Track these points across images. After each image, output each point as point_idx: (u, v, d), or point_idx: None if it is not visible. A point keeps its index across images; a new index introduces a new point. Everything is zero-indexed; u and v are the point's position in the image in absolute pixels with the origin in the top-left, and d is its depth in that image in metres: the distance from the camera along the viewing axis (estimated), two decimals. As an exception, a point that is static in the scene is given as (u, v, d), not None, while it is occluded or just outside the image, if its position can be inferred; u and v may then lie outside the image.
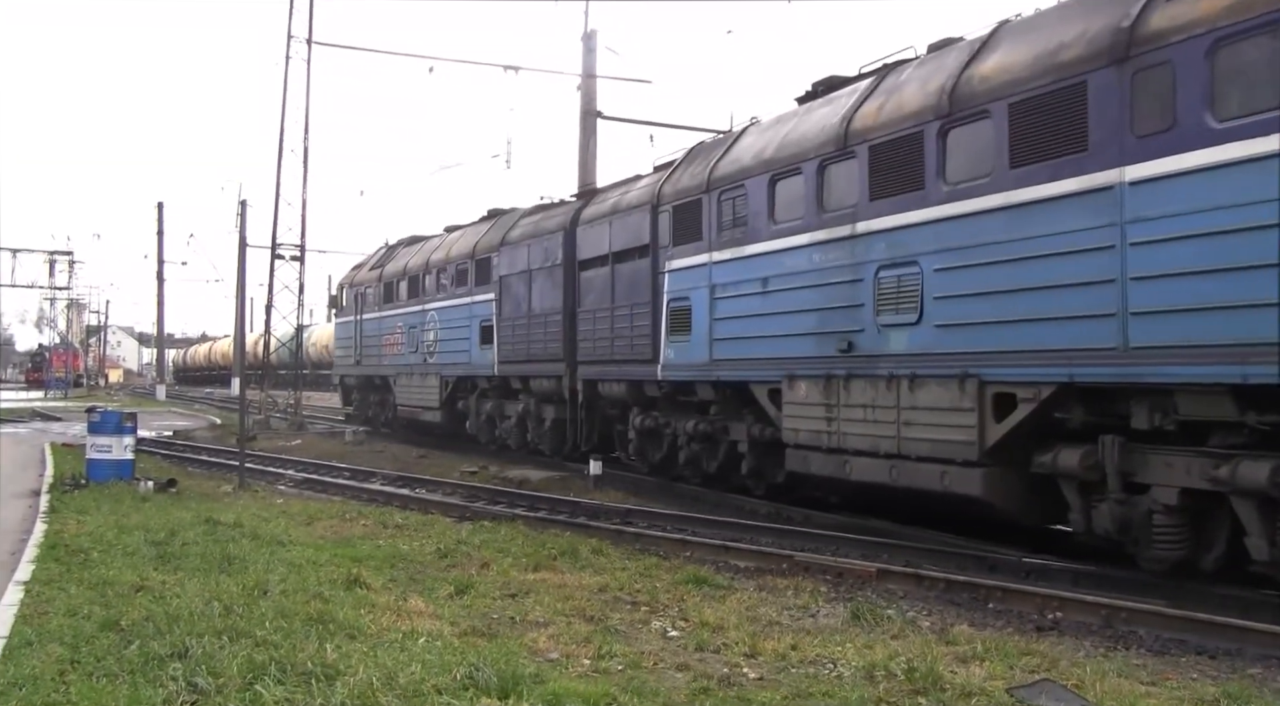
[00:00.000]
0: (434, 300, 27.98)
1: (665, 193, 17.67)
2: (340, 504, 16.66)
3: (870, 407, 12.89)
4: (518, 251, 23.19)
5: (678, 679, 6.88)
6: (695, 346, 16.48)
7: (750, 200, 15.26)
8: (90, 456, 18.16)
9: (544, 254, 21.90)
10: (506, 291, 23.60)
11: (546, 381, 21.94)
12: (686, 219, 16.88)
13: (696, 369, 16.54)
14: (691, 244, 16.68)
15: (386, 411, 32.54)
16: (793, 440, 14.35)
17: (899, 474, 12.46)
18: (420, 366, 28.75)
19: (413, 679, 6.40)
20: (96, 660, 6.85)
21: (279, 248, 35.85)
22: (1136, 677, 7.21)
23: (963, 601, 10.07)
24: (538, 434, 23.22)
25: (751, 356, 15.19)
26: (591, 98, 29.14)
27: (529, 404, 23.34)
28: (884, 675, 6.96)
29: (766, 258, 14.82)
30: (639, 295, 18.19)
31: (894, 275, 12.57)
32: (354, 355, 34.02)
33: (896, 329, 12.53)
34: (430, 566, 10.90)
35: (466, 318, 25.83)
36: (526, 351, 22.56)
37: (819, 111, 14.63)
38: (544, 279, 21.89)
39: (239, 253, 21.11)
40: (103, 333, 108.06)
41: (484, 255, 25.08)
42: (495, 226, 25.51)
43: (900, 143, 12.58)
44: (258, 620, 7.88)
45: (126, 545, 11.38)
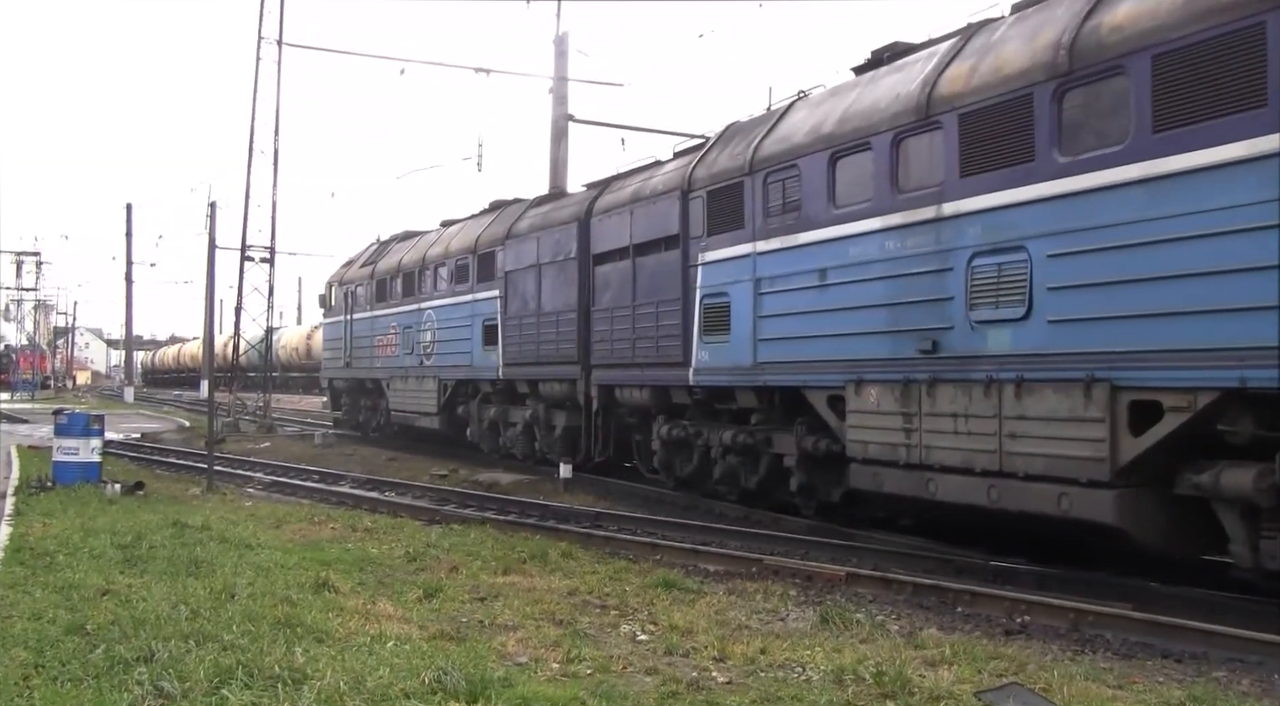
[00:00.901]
0: (431, 298, 26.44)
1: (698, 177, 16.09)
2: (309, 507, 16.58)
3: (962, 417, 11.24)
4: (525, 245, 21.63)
5: (647, 682, 6.88)
6: (735, 347, 14.96)
7: (804, 182, 13.66)
8: (57, 459, 18.00)
9: (554, 247, 20.38)
10: (512, 288, 22.06)
11: (558, 385, 20.46)
12: (724, 205, 15.33)
13: (736, 373, 14.99)
14: (730, 233, 15.12)
15: (378, 417, 31.05)
16: (860, 454, 12.67)
17: (1001, 494, 10.76)
18: (416, 369, 27.21)
19: (381, 682, 6.37)
20: (61, 664, 6.79)
21: (249, 249, 35.71)
22: (1103, 681, 7.25)
23: (931, 604, 10.10)
24: (547, 442, 21.60)
25: (806, 358, 13.60)
26: (563, 101, 29.14)
27: (538, 410, 21.68)
28: (853, 679, 6.97)
29: (825, 246, 13.23)
30: (666, 291, 16.66)
31: (992, 264, 10.96)
32: (343, 357, 32.55)
33: (996, 326, 10.91)
34: (399, 569, 10.86)
35: (468, 317, 24.21)
36: (535, 353, 21.00)
37: (888, 79, 12.99)
38: (555, 274, 20.35)
39: (208, 254, 20.93)
40: (70, 334, 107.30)
41: (487, 249, 23.51)
42: (499, 218, 24.02)
43: (1001, 109, 10.91)
44: (225, 624, 7.82)
45: (93, 548, 11.29)
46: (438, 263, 26.20)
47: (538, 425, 21.79)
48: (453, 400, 25.69)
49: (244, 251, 35.64)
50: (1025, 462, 10.49)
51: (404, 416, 28.21)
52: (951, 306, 11.44)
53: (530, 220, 21.96)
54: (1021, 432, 10.55)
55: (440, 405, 25.93)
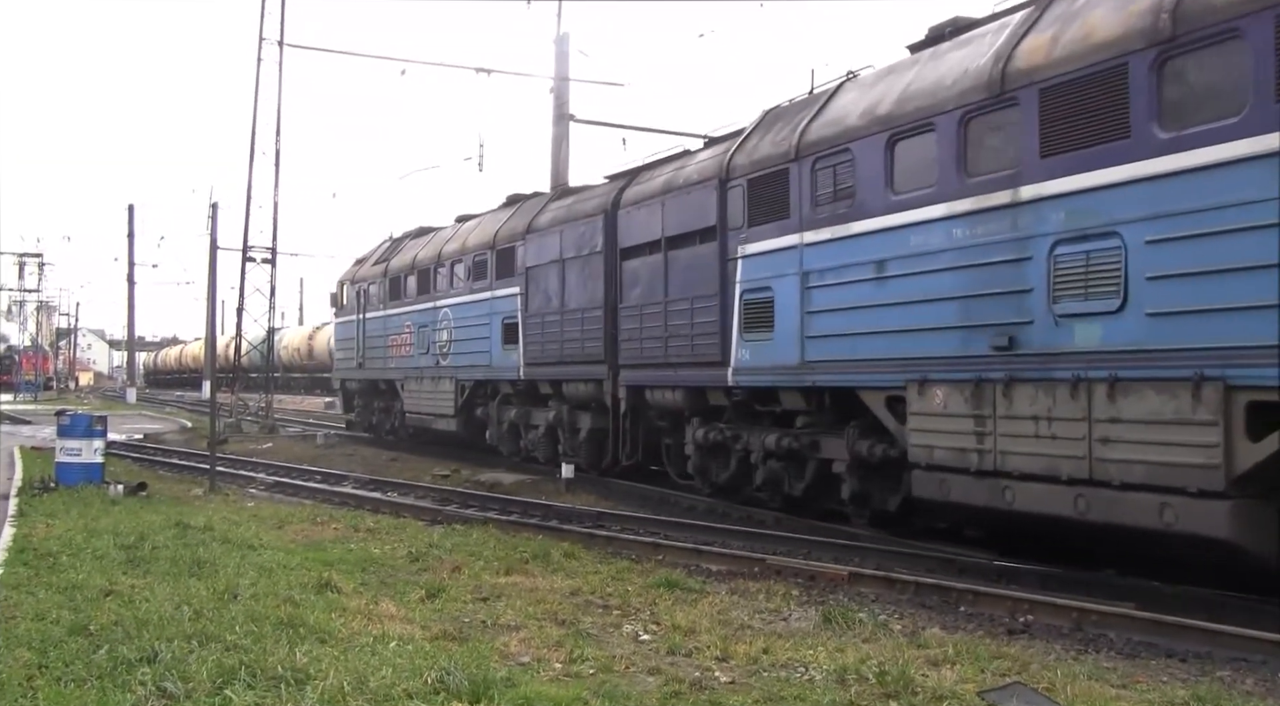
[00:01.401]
0: (448, 296, 25.38)
1: (737, 164, 15.15)
2: (311, 507, 16.59)
3: (1044, 420, 10.32)
4: (547, 239, 20.67)
5: (649, 682, 6.87)
6: (780, 345, 14.03)
7: (859, 167, 12.79)
8: (59, 460, 18.01)
9: (579, 241, 19.45)
10: (534, 284, 21.06)
11: (583, 386, 19.60)
12: (767, 194, 14.39)
13: (781, 372, 14.07)
14: (774, 223, 14.22)
15: (392, 418, 30.10)
16: (924, 459, 11.75)
17: (1091, 504, 9.87)
18: (432, 369, 26.16)
19: (383, 683, 6.37)
20: (65, 665, 6.79)
21: (250, 250, 35.72)
22: (1107, 680, 7.24)
23: (934, 604, 10.10)
24: (571, 445, 20.69)
25: (861, 357, 12.71)
26: (564, 101, 29.13)
27: (561, 411, 20.78)
28: (855, 678, 6.97)
29: (882, 236, 12.38)
30: (701, 286, 15.73)
31: (1079, 251, 10.02)
32: (356, 357, 31.46)
33: (1085, 319, 9.98)
34: (402, 570, 10.86)
35: (486, 315, 23.19)
36: (559, 352, 20.05)
37: (953, 55, 12.09)
38: (579, 269, 19.41)
39: (210, 255, 20.87)
40: (73, 335, 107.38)
41: (507, 244, 22.43)
42: (519, 212, 22.99)
43: (1090, 81, 9.99)
44: (228, 624, 7.83)
45: (96, 549, 11.29)
46: (454, 259, 25.21)
47: (561, 427, 21.02)
48: (471, 401, 24.72)
49: (245, 252, 35.67)
50: (1121, 470, 9.60)
51: (419, 418, 27.26)
52: (1031, 299, 10.56)
53: (552, 213, 21.09)
54: (1116, 437, 9.67)
55: (458, 407, 24.96)
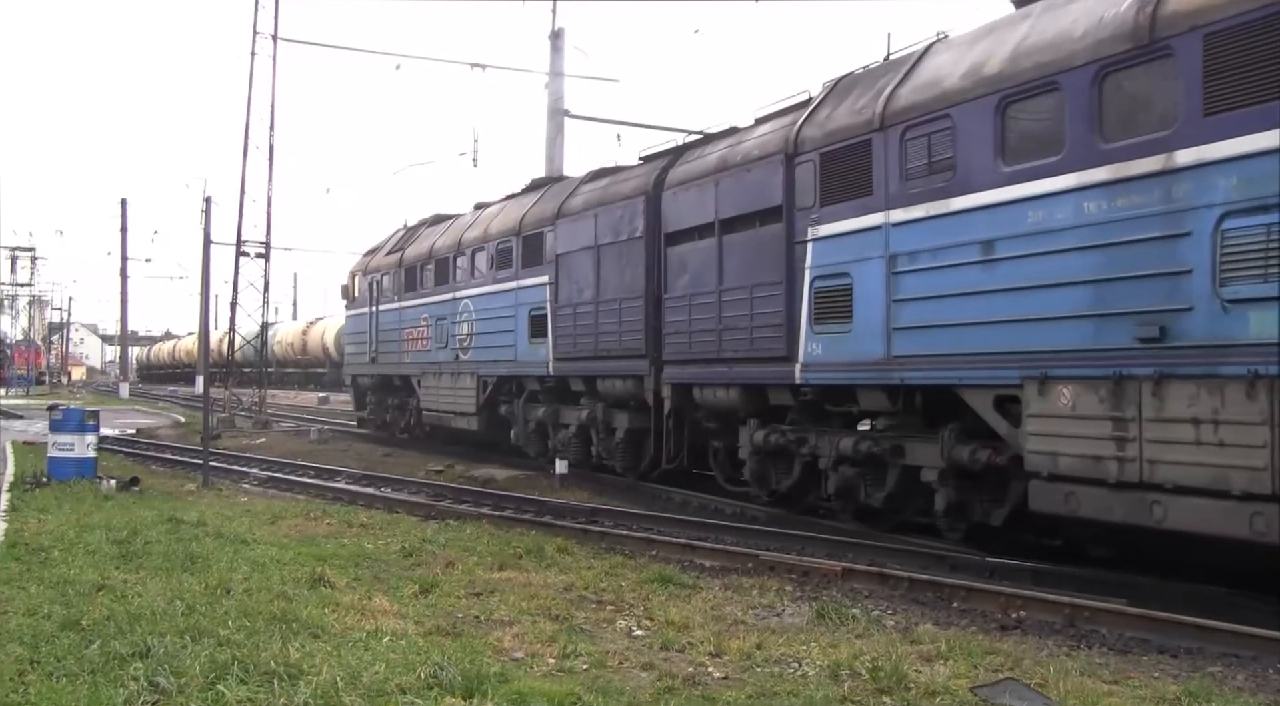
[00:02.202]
0: (468, 286, 23.89)
1: (807, 137, 13.70)
2: (305, 502, 16.57)
3: (1208, 424, 8.83)
4: (580, 224, 19.27)
5: (643, 678, 6.88)
6: (860, 338, 12.59)
7: (959, 135, 11.35)
8: (52, 454, 17.98)
9: (616, 225, 18.04)
10: (564, 273, 19.64)
11: (621, 383, 18.16)
12: (845, 169, 12.96)
13: (860, 368, 12.64)
14: (853, 201, 12.77)
15: (407, 416, 28.62)
16: (1045, 468, 10.24)
17: (1273, 525, 8.38)
18: (451, 365, 24.64)
19: (376, 678, 6.37)
20: (57, 660, 6.78)
21: (244, 245, 35.66)
22: (1099, 676, 7.26)
23: (927, 600, 10.11)
24: (606, 447, 19.19)
25: (963, 350, 11.22)
26: (559, 96, 29.16)
27: (595, 410, 19.24)
28: (849, 674, 6.98)
29: (991, 212, 10.90)
30: (763, 273, 14.23)
31: (1256, 226, 8.55)
32: (368, 352, 29.95)
33: (1263, 306, 8.50)
34: (395, 565, 10.85)
35: (511, 306, 21.70)
36: (593, 346, 18.62)
37: (1080, 4, 10.60)
38: (617, 256, 18.00)
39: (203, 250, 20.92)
40: (65, 330, 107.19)
41: (534, 230, 20.97)
42: (546, 196, 21.54)
43: (1274, 22, 8.44)
44: (221, 619, 7.82)
45: (88, 544, 11.28)
46: (475, 247, 23.72)
47: (595, 427, 19.46)
48: (493, 399, 23.10)
49: (239, 247, 35.60)
50: None
51: (437, 416, 25.71)
52: (1189, 282, 9.06)
53: (585, 196, 19.61)
54: None
55: (479, 404, 23.35)
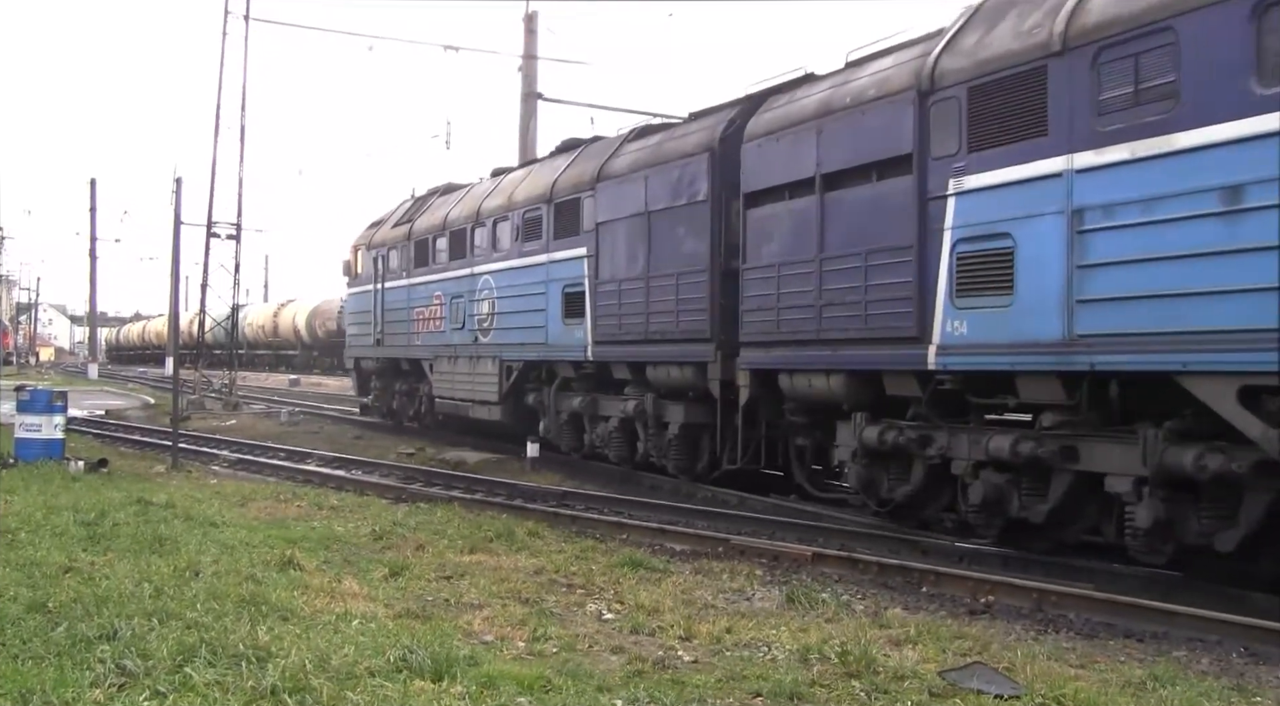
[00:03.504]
0: (489, 260, 21.52)
1: (948, 69, 11.40)
2: (275, 485, 16.51)
3: None
4: (625, 188, 17.13)
5: (613, 661, 6.89)
6: (1025, 313, 10.35)
7: (1188, 52, 9.07)
8: (19, 436, 17.83)
9: (673, 187, 15.95)
10: (607, 244, 17.49)
11: (677, 370, 16.00)
12: (1005, 105, 10.69)
13: (1028, 351, 10.34)
14: (1016, 145, 10.53)
15: (416, 404, 26.22)
16: None
17: None
18: (469, 347, 22.19)
19: (346, 661, 6.35)
20: (22, 642, 6.72)
21: (215, 226, 35.39)
22: (1066, 660, 7.32)
23: (896, 585, 10.16)
24: (656, 444, 16.93)
25: (1192, 327, 9.00)
26: (532, 79, 29.09)
27: (643, 402, 16.97)
28: (818, 658, 7.00)
29: (1239, 149, 8.65)
30: (883, 236, 12.00)
31: None
32: (373, 333, 27.49)
33: None
34: (365, 548, 10.83)
35: (541, 282, 19.45)
36: (643, 328, 16.49)
37: None
38: (672, 223, 15.92)
39: (174, 231, 20.65)
40: (33, 310, 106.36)
41: (569, 196, 18.77)
42: (582, 157, 19.33)
43: None
44: (189, 602, 7.78)
45: (55, 525, 11.19)
46: (497, 216, 21.31)
47: (642, 421, 17.21)
48: (519, 386, 20.71)
49: (210, 228, 35.31)
50: None
51: (452, 405, 23.23)
52: None
53: (632, 156, 17.46)
54: None
55: (502, 392, 20.92)
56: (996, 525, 11.28)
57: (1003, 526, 11.23)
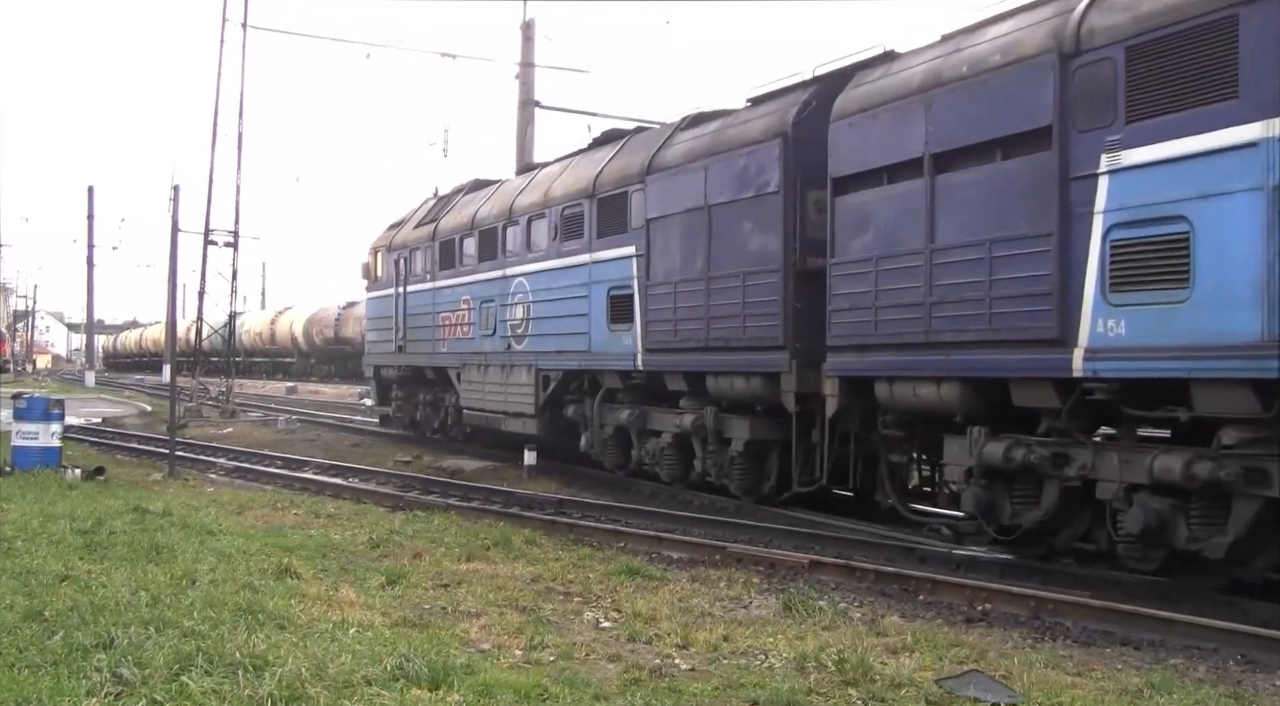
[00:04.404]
0: (523, 262, 20.06)
1: (1100, 27, 9.82)
2: (272, 493, 16.49)
3: None
4: (681, 179, 15.66)
5: (609, 669, 6.89)
6: (1206, 310, 8.85)
7: None
8: (15, 443, 17.79)
9: (739, 177, 14.46)
10: (659, 241, 16.05)
11: (743, 381, 14.52)
12: (1175, 65, 9.17)
13: (1211, 354, 8.81)
14: (1194, 111, 9.01)
15: (442, 415, 24.68)
16: None
17: None
18: (501, 355, 20.71)
19: (342, 669, 6.35)
20: (18, 651, 6.72)
21: (212, 233, 35.39)
22: (1063, 668, 7.32)
23: (893, 592, 10.15)
24: (717, 462, 15.40)
25: None
26: (530, 87, 29.14)
27: (702, 415, 15.43)
28: (815, 666, 7.00)
29: None
30: (1012, 222, 10.49)
31: None
32: (395, 339, 26.02)
33: None
34: (362, 556, 10.83)
35: (582, 284, 18.02)
36: (703, 334, 15.00)
37: None
38: (738, 217, 14.44)
39: (171, 238, 20.69)
40: (30, 318, 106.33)
41: (614, 190, 17.35)
42: (628, 148, 17.90)
43: None
44: (186, 610, 7.78)
45: (52, 534, 11.17)
46: (532, 214, 19.87)
47: (700, 437, 15.71)
48: (557, 397, 19.23)
49: (207, 235, 35.31)
50: None
51: (482, 417, 21.69)
52: None
53: (687, 145, 16.00)
54: None
55: (539, 404, 19.41)
56: (1155, 558, 9.82)
57: (1164, 561, 9.78)
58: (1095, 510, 10.30)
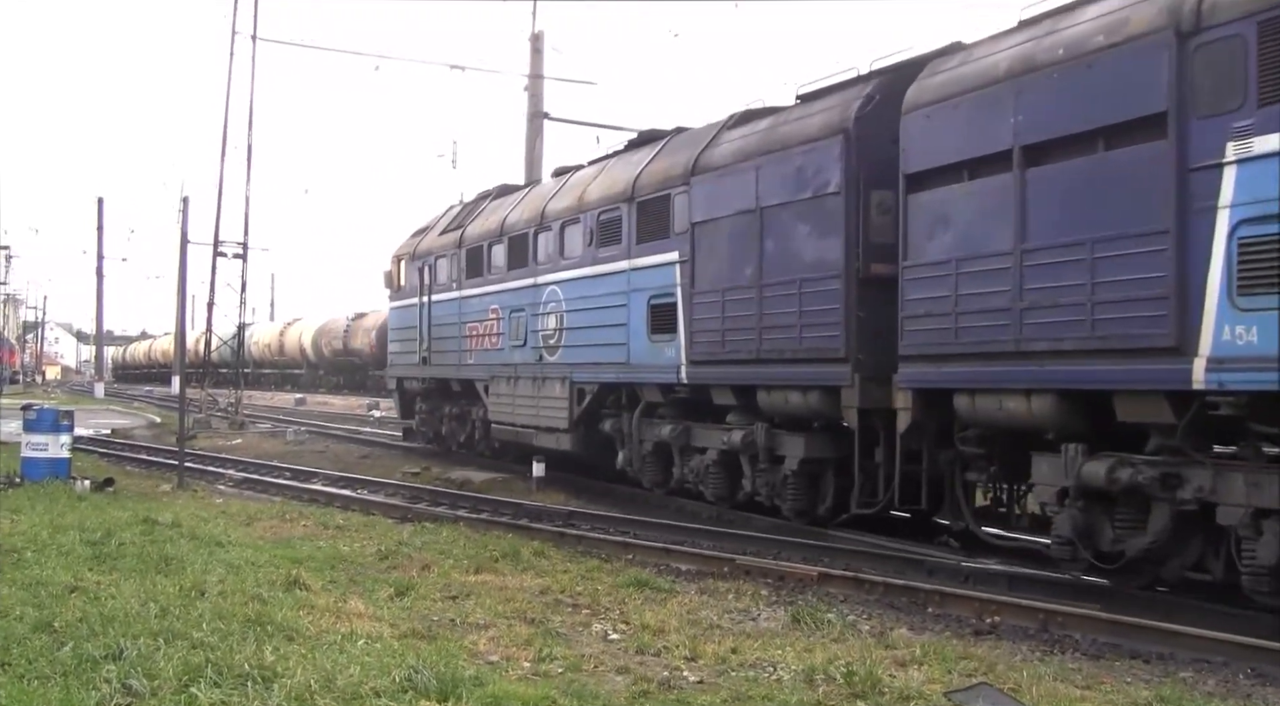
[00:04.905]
0: (556, 269, 19.08)
1: (1222, 2, 8.83)
2: (280, 504, 16.50)
3: None
4: (729, 181, 14.68)
5: (618, 682, 6.89)
6: None
7: None
8: (25, 455, 17.84)
9: (793, 178, 13.49)
10: (705, 247, 15.07)
11: (798, 395, 13.52)
12: None
13: None
14: None
15: (469, 429, 23.64)
16: None
17: None
18: (532, 367, 19.71)
19: (351, 681, 6.36)
20: (28, 662, 6.74)
21: (221, 245, 35.50)
22: (1072, 681, 7.30)
23: (902, 605, 10.13)
24: (769, 481, 14.39)
25: None
26: (539, 99, 29.25)
27: (753, 432, 14.43)
28: (823, 678, 7.00)
29: None
30: (1119, 219, 9.48)
31: None
32: (419, 350, 24.92)
33: None
34: (371, 568, 10.84)
35: (620, 293, 17.06)
36: (754, 345, 14.01)
37: None
38: (792, 220, 13.51)
39: (180, 250, 20.72)
40: (40, 329, 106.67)
41: (656, 193, 16.34)
42: (669, 149, 16.92)
43: None
44: (195, 621, 7.80)
45: (61, 545, 11.20)
46: (565, 219, 18.92)
47: (750, 455, 14.68)
48: (592, 411, 18.26)
49: (216, 247, 35.42)
50: None
51: (512, 431, 20.68)
52: None
53: (736, 144, 15.00)
54: None
55: (573, 418, 18.45)
56: None
57: None
58: (1211, 537, 9.31)
